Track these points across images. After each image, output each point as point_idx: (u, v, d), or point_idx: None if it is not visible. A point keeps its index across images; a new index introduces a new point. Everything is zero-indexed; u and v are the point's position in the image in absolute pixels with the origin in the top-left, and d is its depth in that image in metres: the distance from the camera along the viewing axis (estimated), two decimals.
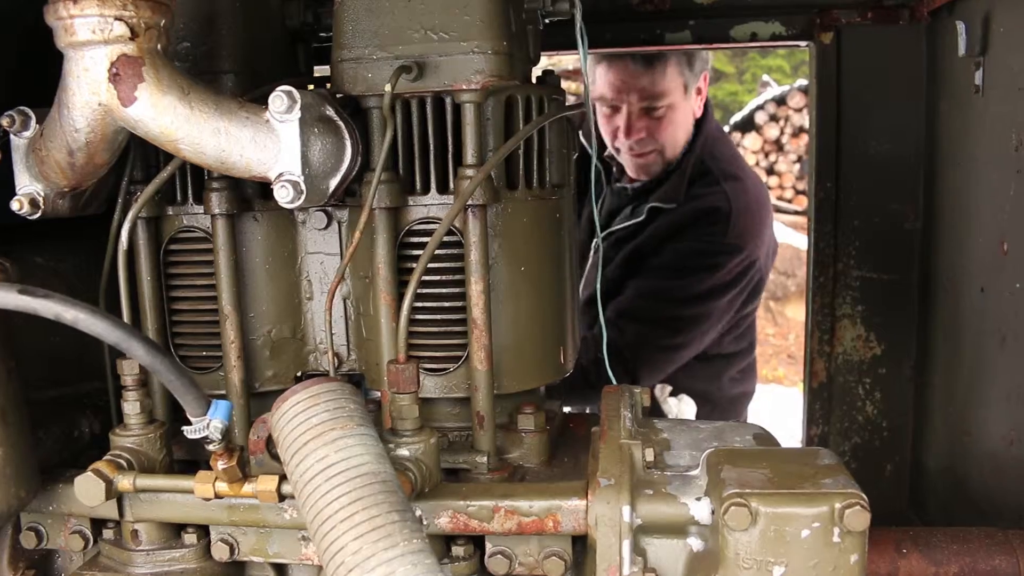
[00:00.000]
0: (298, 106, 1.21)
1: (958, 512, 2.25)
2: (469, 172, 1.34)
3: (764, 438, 1.38)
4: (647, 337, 2.80)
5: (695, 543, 1.20)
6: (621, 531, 1.17)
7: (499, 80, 1.34)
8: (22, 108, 1.29)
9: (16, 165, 1.31)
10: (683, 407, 2.98)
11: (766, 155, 12.27)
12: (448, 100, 1.37)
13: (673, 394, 2.98)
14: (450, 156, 1.40)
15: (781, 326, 9.59)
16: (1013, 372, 1.86)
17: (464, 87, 1.33)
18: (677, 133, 2.93)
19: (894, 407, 2.60)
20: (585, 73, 1.62)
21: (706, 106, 3.03)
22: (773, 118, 12.21)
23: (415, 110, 1.38)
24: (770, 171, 12.25)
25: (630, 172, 3.05)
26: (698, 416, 3.02)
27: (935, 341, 2.42)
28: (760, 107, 12.34)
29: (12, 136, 1.30)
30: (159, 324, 1.49)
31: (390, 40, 1.35)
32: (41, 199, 1.31)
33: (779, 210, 11.07)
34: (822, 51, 2.45)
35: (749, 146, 12.19)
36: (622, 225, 2.98)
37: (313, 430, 1.06)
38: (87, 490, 1.22)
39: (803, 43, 2.51)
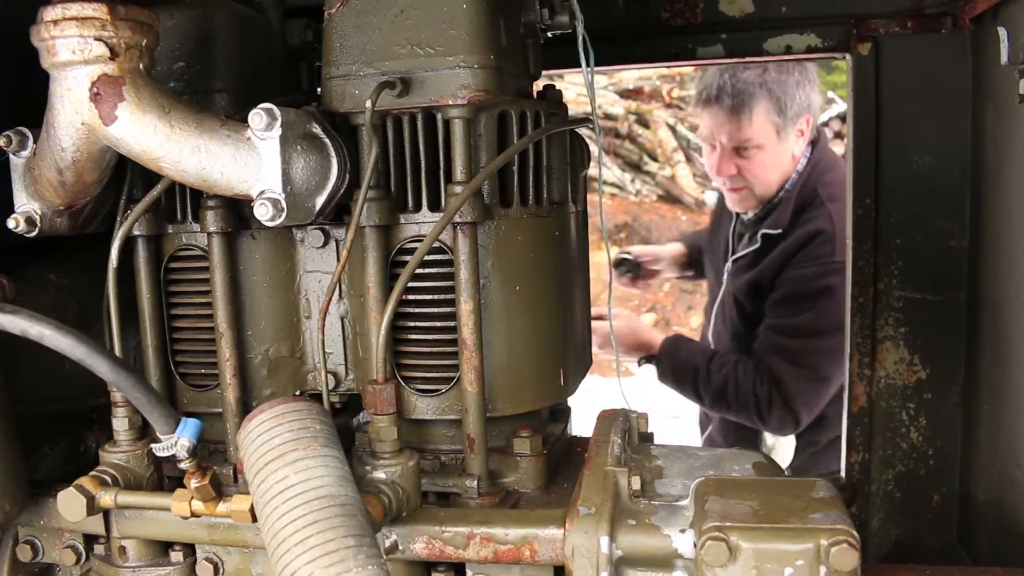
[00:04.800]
0: (278, 123, 1.20)
1: (1009, 546, 2.11)
2: (458, 189, 1.31)
3: (764, 467, 1.30)
4: (795, 375, 2.83)
5: None
6: (599, 563, 1.11)
7: (486, 95, 1.31)
8: (20, 128, 1.31)
9: (15, 184, 1.34)
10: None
11: None
12: (439, 116, 1.35)
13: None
14: (442, 173, 1.38)
15: None
16: None
17: (450, 102, 1.31)
18: (768, 173, 3.02)
19: (941, 434, 2.46)
20: (591, 91, 1.58)
21: (820, 135, 3.08)
22: (838, 135, 11.88)
23: (406, 126, 1.37)
24: None
25: (728, 205, 3.17)
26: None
27: (982, 365, 2.29)
28: (825, 124, 12.06)
29: (10, 156, 1.33)
30: (159, 341, 1.50)
31: (377, 56, 1.33)
32: (38, 217, 1.33)
33: None
34: (859, 63, 2.36)
35: None
36: (743, 252, 3.10)
37: (275, 450, 1.04)
38: (69, 505, 1.22)
39: (839, 55, 2.42)
